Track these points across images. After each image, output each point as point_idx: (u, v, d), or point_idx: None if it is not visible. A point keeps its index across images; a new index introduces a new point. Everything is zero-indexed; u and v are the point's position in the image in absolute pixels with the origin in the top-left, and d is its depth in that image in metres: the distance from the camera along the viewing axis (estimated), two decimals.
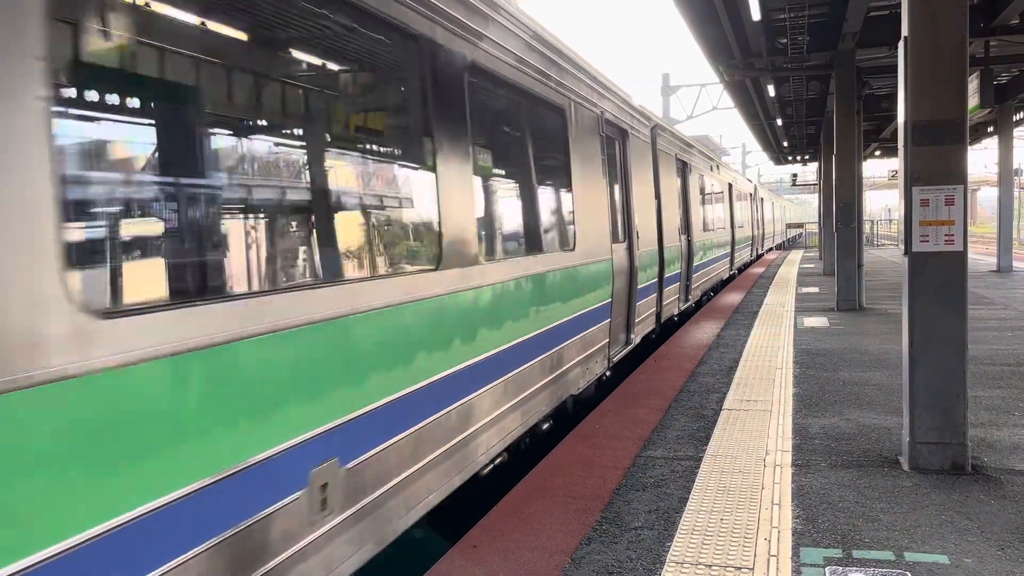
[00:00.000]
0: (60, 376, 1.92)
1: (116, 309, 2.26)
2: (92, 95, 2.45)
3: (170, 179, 2.78)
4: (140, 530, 2.16)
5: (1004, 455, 5.09)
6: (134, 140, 2.76)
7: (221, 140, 3.17)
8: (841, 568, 3.54)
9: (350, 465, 3.19)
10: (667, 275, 10.39)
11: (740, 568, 3.56)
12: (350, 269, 3.68)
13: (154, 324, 2.23)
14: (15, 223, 1.85)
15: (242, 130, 3.29)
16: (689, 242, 12.28)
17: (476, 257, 4.47)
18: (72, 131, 2.32)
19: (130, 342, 2.13)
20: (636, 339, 8.56)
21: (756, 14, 11.58)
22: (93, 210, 2.40)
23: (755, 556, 3.67)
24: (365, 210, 4.00)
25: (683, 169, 12.64)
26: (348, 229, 3.83)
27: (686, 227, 12.16)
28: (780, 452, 5.25)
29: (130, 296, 2.51)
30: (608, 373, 7.53)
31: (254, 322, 2.65)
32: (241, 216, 3.22)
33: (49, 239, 1.92)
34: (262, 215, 3.35)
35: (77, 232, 2.22)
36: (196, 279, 2.79)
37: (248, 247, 3.20)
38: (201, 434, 2.41)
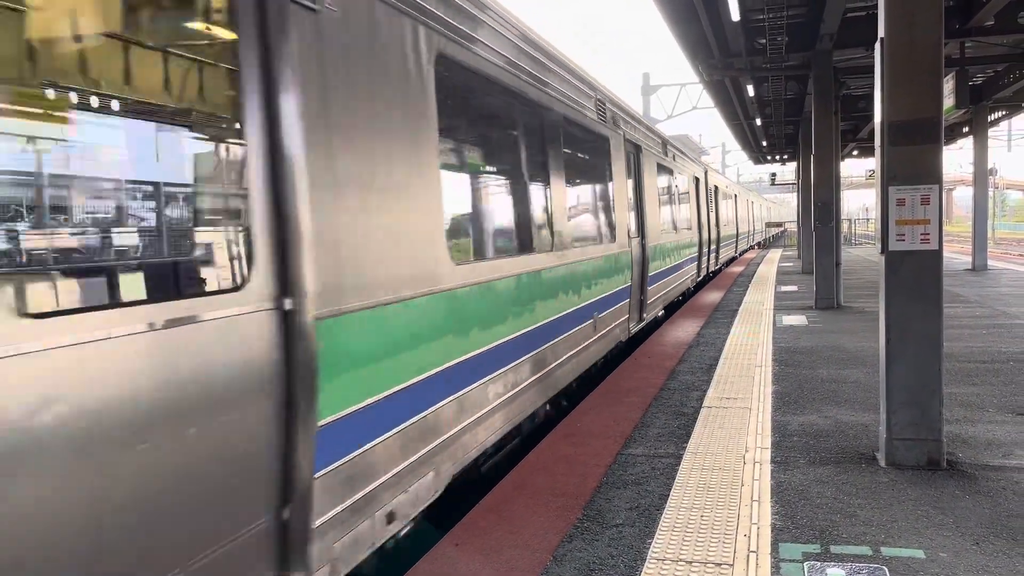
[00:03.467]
0: (444, 289, 4.08)
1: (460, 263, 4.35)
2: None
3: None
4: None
5: (978, 451, 5.17)
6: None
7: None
8: (819, 563, 3.58)
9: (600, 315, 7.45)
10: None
11: (720, 564, 3.58)
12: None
13: (470, 269, 4.48)
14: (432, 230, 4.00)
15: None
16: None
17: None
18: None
19: (465, 277, 4.37)
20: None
21: (735, 14, 11.66)
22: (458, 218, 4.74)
23: (735, 552, 3.70)
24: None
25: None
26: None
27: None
28: (759, 449, 5.29)
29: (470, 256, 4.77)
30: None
31: (529, 265, 5.53)
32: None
33: (442, 235, 4.08)
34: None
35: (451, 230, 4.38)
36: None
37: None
38: (524, 309, 5.38)
